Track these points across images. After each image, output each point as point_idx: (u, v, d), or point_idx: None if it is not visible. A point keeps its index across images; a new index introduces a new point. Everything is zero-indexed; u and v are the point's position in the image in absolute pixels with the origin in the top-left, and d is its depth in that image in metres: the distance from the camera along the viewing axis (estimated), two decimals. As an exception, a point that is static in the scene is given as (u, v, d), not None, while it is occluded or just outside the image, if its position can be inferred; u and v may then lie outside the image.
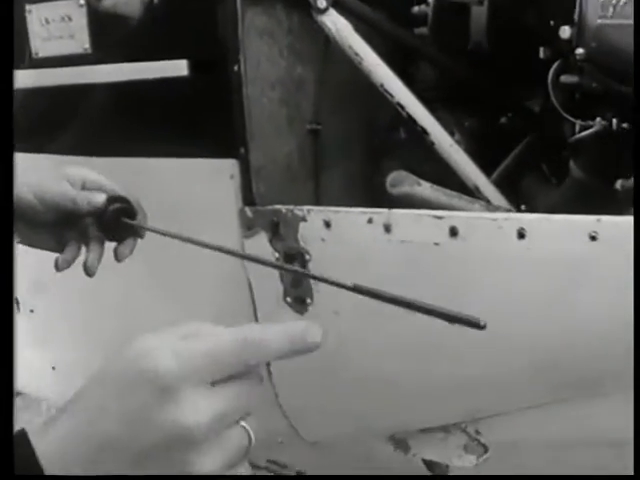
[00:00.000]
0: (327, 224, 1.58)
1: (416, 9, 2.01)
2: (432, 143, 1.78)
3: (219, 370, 0.68)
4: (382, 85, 1.75)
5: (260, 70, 1.71)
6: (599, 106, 1.57)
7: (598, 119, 1.54)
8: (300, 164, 1.85)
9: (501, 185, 1.88)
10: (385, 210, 1.53)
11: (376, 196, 1.98)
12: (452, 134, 1.89)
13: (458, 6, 1.94)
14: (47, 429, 0.65)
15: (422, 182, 1.72)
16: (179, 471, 0.64)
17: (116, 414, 0.65)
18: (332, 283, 0.87)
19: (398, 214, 1.52)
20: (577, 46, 1.50)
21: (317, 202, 1.88)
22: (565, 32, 1.50)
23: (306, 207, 1.61)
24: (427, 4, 1.98)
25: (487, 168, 1.90)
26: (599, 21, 1.44)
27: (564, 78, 1.56)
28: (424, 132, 1.77)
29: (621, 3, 1.41)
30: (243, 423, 0.69)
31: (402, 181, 1.76)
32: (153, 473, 0.64)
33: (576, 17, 1.49)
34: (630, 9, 1.41)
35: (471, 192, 1.80)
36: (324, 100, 1.88)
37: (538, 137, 1.92)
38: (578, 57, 1.49)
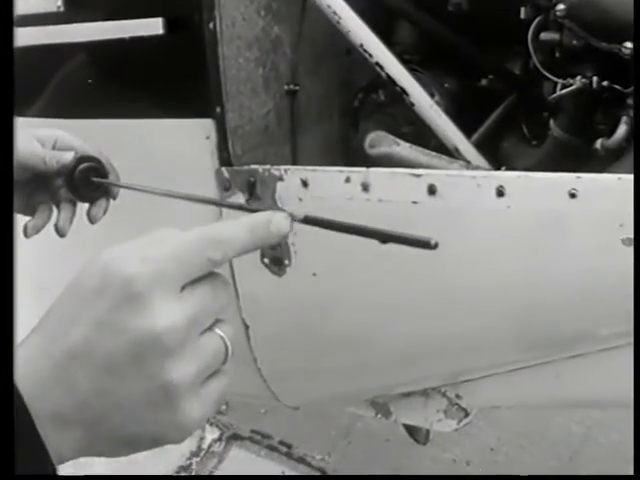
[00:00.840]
0: (304, 183, 1.57)
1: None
2: (412, 104, 1.76)
3: (186, 271, 0.67)
4: (361, 45, 1.73)
5: (236, 29, 1.68)
6: (579, 64, 1.55)
7: (578, 77, 1.52)
8: (277, 125, 1.83)
9: (481, 147, 1.87)
10: (363, 169, 1.52)
11: (354, 158, 1.97)
12: (432, 95, 1.87)
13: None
14: (18, 350, 0.64)
15: (401, 142, 1.71)
16: (153, 380, 0.63)
17: (85, 321, 0.64)
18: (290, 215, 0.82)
19: (376, 173, 1.51)
20: (558, 2, 1.48)
21: (295, 164, 1.86)
22: (548, -17, 1.48)
23: (283, 167, 1.59)
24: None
25: (467, 130, 1.89)
26: None
27: (544, 35, 1.55)
28: (404, 93, 1.75)
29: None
30: (218, 330, 0.69)
31: (380, 142, 1.75)
32: (126, 383, 0.63)
33: (556, -26, 1.47)
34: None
35: (451, 153, 1.79)
36: (301, 61, 1.86)
37: (518, 98, 1.89)
38: (558, 13, 1.48)
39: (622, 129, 1.51)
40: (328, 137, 1.98)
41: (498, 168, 1.84)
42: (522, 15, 1.72)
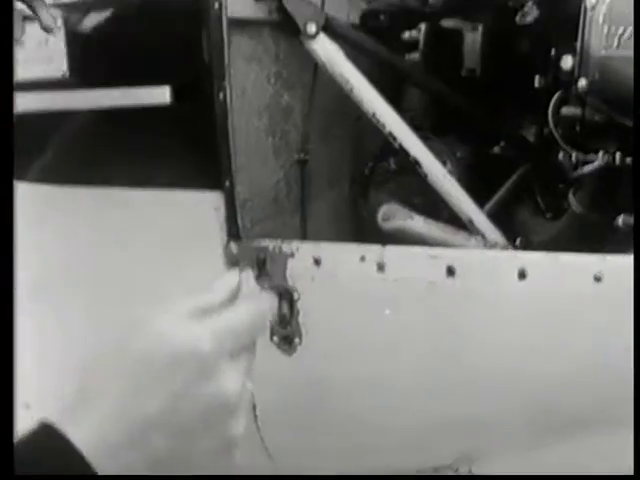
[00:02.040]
0: (317, 261, 1.49)
1: (407, 35, 1.93)
2: (425, 175, 1.69)
3: (240, 343, 0.75)
4: (374, 114, 1.67)
5: (246, 98, 1.62)
6: (601, 139, 1.48)
7: (601, 153, 1.46)
8: (287, 195, 1.76)
9: (495, 217, 1.80)
10: (378, 247, 1.44)
11: (366, 228, 1.90)
12: (444, 164, 1.81)
13: (451, 32, 1.86)
14: (79, 416, 0.66)
15: (415, 216, 1.64)
16: (220, 437, 0.71)
17: (162, 394, 0.68)
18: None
19: (392, 252, 1.44)
20: (579, 77, 1.42)
21: (304, 234, 1.79)
22: (567, 62, 1.43)
23: (294, 243, 1.52)
24: (418, 30, 1.90)
25: (481, 198, 1.82)
26: (603, 52, 1.37)
27: (565, 110, 1.49)
28: (417, 164, 1.69)
29: (626, 35, 1.33)
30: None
31: (394, 215, 1.68)
32: (197, 442, 0.69)
33: (578, 47, 1.41)
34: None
35: (464, 225, 1.72)
36: (311, 128, 1.79)
37: (533, 168, 1.83)
38: (580, 89, 1.42)
39: (644, 207, 1.44)
40: (338, 205, 1.91)
41: (514, 240, 1.77)
42: (536, 84, 1.65)
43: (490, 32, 1.82)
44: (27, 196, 1.72)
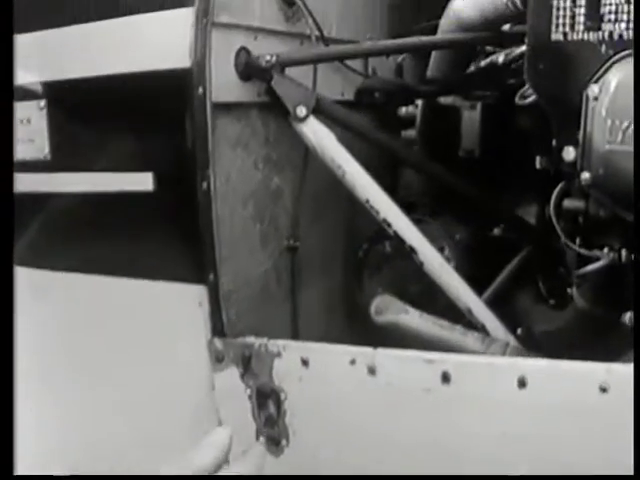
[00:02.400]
0: (305, 362, 1.40)
1: (404, 111, 1.84)
2: (421, 263, 1.59)
3: None
4: (367, 201, 1.58)
5: (231, 185, 1.53)
6: (605, 235, 1.39)
7: (605, 250, 1.36)
8: (276, 284, 1.67)
9: (495, 304, 1.70)
10: (369, 350, 1.35)
11: (359, 317, 1.80)
12: (442, 250, 1.72)
13: (448, 109, 1.77)
14: None
15: (410, 309, 1.54)
16: None
17: None
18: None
19: (384, 355, 1.34)
20: (582, 170, 1.32)
21: (295, 325, 1.69)
22: (569, 154, 1.33)
23: (281, 342, 1.42)
24: (415, 106, 1.82)
25: (480, 283, 1.72)
26: (607, 147, 1.27)
27: (568, 203, 1.39)
28: (412, 251, 1.59)
29: (630, 129, 1.24)
30: None
31: (388, 308, 1.58)
32: None
33: (581, 139, 1.31)
34: (641, 135, 1.24)
35: (462, 314, 1.62)
36: (302, 212, 1.70)
37: (534, 251, 1.73)
38: (584, 182, 1.33)
39: (653, 305, 1.33)
40: (331, 292, 1.82)
41: (514, 329, 1.67)
42: (537, 165, 1.55)
43: (489, 111, 1.73)
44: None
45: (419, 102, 1.85)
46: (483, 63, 1.62)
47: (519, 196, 1.77)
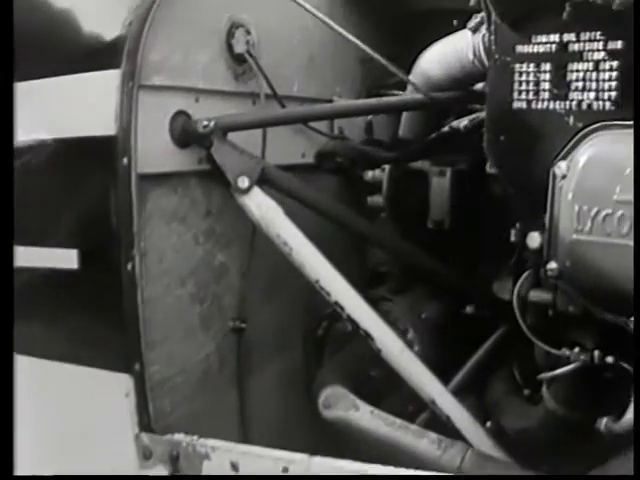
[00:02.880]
0: (234, 466, 1.20)
1: (370, 175, 1.64)
2: (379, 350, 1.39)
3: None
4: (317, 281, 1.38)
5: (166, 263, 1.34)
6: (577, 332, 1.18)
7: (576, 350, 1.15)
8: (220, 370, 1.47)
9: (465, 390, 1.49)
10: (304, 457, 1.15)
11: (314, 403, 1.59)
12: (405, 332, 1.51)
13: (417, 175, 1.57)
14: None
15: (361, 405, 1.34)
16: None
17: None
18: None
19: (319, 464, 1.13)
20: (549, 259, 1.11)
21: (242, 411, 1.49)
22: (534, 240, 1.14)
23: (211, 442, 1.24)
24: (382, 170, 1.62)
25: (449, 366, 1.52)
26: (574, 236, 1.06)
27: (534, 295, 1.19)
28: (368, 337, 1.38)
29: (600, 217, 1.03)
30: None
31: (337, 401, 1.38)
32: None
33: (547, 224, 1.11)
34: (613, 224, 1.03)
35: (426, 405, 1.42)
36: (251, 290, 1.50)
37: (509, 332, 1.52)
38: (550, 273, 1.12)
39: (631, 414, 1.12)
40: (286, 373, 1.61)
41: (484, 421, 1.45)
42: (512, 238, 1.34)
43: (459, 178, 1.53)
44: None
45: (386, 167, 1.64)
46: (447, 128, 1.41)
47: (493, 271, 1.55)
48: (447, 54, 1.42)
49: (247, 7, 1.48)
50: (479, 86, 1.51)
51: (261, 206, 1.37)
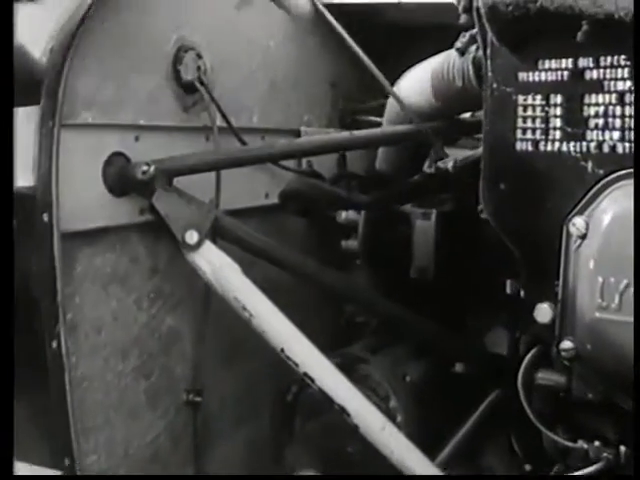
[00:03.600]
0: None
1: (343, 216, 1.37)
2: (356, 426, 1.12)
3: None
4: (283, 350, 1.11)
5: (103, 335, 1.07)
6: (595, 423, 0.91)
7: (597, 444, 0.89)
8: (172, 450, 1.21)
9: (457, 464, 1.23)
10: None
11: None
12: (386, 400, 1.25)
13: (397, 218, 1.31)
14: None
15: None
16: None
17: None
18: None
19: None
20: (562, 337, 0.85)
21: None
22: (544, 315, 0.87)
23: None
24: (357, 211, 1.35)
25: (439, 436, 1.26)
26: (597, 314, 0.79)
27: (543, 377, 0.93)
28: (344, 412, 1.12)
29: (631, 291, 0.77)
30: None
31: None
32: None
33: (560, 295, 0.84)
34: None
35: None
36: (209, 358, 1.23)
37: (506, 394, 1.26)
38: (565, 354, 0.85)
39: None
40: (251, 446, 1.34)
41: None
42: (508, 290, 1.10)
43: (446, 221, 1.27)
44: None
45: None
46: (433, 169, 1.14)
47: (486, 325, 1.30)
48: (431, 78, 1.15)
49: (198, 27, 1.21)
50: (466, 115, 1.26)
51: (214, 264, 1.11)
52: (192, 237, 1.10)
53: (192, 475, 1.26)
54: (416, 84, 1.21)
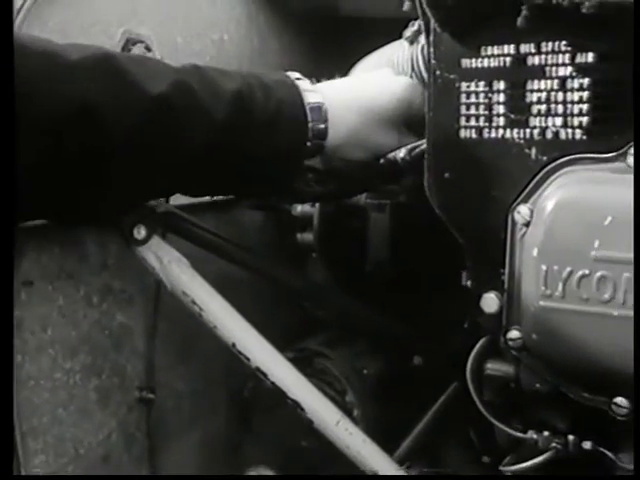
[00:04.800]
0: None
1: (299, 209, 1.35)
2: (310, 421, 1.11)
3: None
4: (234, 345, 1.09)
5: (49, 333, 1.04)
6: (546, 413, 0.90)
7: (546, 434, 0.88)
8: (125, 450, 1.19)
9: (417, 456, 1.22)
10: None
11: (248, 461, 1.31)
12: (343, 394, 1.23)
13: (351, 210, 1.29)
14: None
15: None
16: None
17: None
18: None
19: None
20: (509, 326, 0.84)
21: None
22: (490, 305, 0.86)
23: None
24: (313, 205, 1.33)
25: (398, 430, 1.24)
26: (542, 302, 0.78)
27: (492, 367, 0.91)
28: (298, 407, 1.10)
29: (575, 279, 0.76)
30: None
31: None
32: None
33: (506, 283, 0.83)
34: (591, 288, 0.76)
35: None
36: (162, 354, 1.21)
37: (465, 386, 1.24)
38: (511, 343, 0.84)
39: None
40: (207, 442, 1.32)
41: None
42: (464, 281, 1.07)
43: (401, 213, 1.26)
44: None
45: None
46: (383, 160, 1.12)
47: (443, 317, 1.28)
48: (385, 67, 1.14)
49: (146, 18, 1.18)
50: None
51: (162, 259, 1.08)
52: (140, 232, 1.08)
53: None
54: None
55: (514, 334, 0.86)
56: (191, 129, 0.84)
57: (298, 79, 0.98)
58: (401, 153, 1.04)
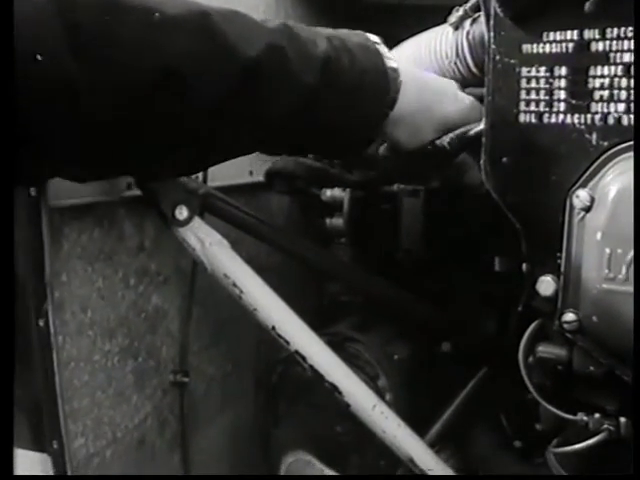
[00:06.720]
0: None
1: (328, 194, 1.37)
2: (347, 405, 1.13)
3: None
4: (274, 328, 1.10)
5: (89, 314, 1.05)
6: (597, 395, 0.93)
7: (597, 416, 0.90)
8: (159, 433, 1.20)
9: (447, 440, 1.24)
10: None
11: (275, 447, 1.33)
12: (376, 378, 1.25)
13: (384, 195, 1.31)
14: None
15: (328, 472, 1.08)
16: None
17: None
18: None
19: None
20: (565, 309, 0.86)
21: (188, 469, 1.22)
22: (547, 287, 0.88)
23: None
24: (342, 189, 1.35)
25: (428, 415, 1.27)
26: (605, 285, 0.80)
27: (543, 349, 0.93)
28: (336, 390, 1.12)
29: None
30: None
31: (302, 470, 1.11)
32: None
33: (563, 267, 0.85)
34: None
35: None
36: (195, 337, 1.22)
37: (494, 374, 1.27)
38: (567, 326, 0.86)
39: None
40: (237, 428, 1.34)
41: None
42: (497, 267, 1.10)
43: (435, 199, 1.27)
44: None
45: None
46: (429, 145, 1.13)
47: (474, 303, 1.30)
48: (420, 57, 1.15)
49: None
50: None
51: (204, 241, 1.09)
52: (182, 213, 1.09)
53: (198, 475, 1.25)
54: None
55: (570, 317, 0.88)
56: (277, 95, 0.84)
57: (377, 44, 0.97)
58: (447, 138, 1.05)
